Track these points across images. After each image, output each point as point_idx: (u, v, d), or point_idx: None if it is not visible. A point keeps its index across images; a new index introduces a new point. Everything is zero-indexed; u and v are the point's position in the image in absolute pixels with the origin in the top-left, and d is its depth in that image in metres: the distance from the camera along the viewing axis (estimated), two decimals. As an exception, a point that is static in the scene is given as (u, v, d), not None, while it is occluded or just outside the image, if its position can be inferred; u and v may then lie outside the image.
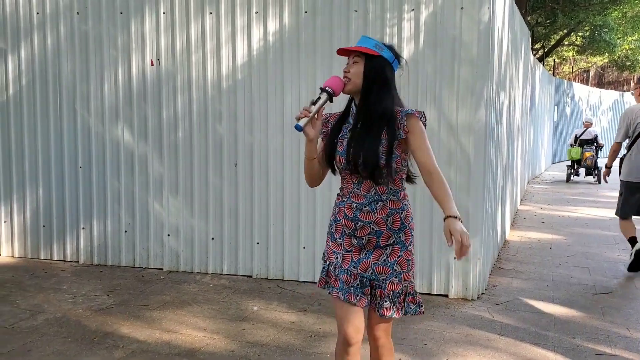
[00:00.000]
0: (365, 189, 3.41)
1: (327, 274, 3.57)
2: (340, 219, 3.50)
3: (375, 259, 3.44)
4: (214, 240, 7.42)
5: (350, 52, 3.45)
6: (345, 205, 3.47)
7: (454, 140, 6.47)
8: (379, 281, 3.43)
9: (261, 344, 5.30)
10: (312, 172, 3.51)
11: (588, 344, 5.37)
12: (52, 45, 7.82)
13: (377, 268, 3.43)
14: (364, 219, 3.41)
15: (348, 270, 3.46)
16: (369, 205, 3.40)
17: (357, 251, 3.48)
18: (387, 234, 3.43)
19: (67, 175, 7.90)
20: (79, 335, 5.47)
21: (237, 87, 7.17)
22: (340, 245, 3.51)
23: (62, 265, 7.84)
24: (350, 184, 3.47)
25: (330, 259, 3.54)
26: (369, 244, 3.45)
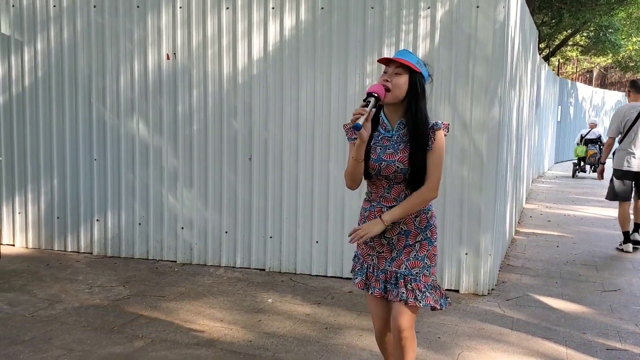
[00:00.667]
0: (396, 193, 3.66)
1: (366, 276, 3.84)
2: None
3: (406, 256, 3.69)
4: (227, 234, 7.50)
5: (390, 62, 3.62)
6: (376, 209, 3.71)
7: (468, 138, 6.55)
8: (412, 275, 3.65)
9: (278, 334, 5.38)
10: (356, 173, 3.65)
11: (598, 339, 5.46)
12: (68, 38, 7.89)
13: (410, 263, 3.68)
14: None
15: (384, 269, 3.75)
16: None
17: (388, 251, 3.75)
18: (415, 232, 3.71)
19: (82, 167, 7.98)
20: (98, 324, 5.56)
21: (252, 82, 7.24)
22: (373, 248, 3.79)
23: (76, 257, 7.92)
24: (380, 188, 3.71)
25: (367, 262, 3.85)
26: (399, 243, 3.71)
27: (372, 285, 3.80)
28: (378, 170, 3.64)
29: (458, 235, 6.70)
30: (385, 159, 3.62)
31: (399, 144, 3.63)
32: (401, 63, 3.56)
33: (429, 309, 3.78)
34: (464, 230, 6.67)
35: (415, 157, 3.57)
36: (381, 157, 3.63)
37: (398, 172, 3.59)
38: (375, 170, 3.65)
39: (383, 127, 3.71)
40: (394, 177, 3.62)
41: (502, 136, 6.71)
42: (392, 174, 3.61)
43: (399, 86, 3.55)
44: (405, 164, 3.58)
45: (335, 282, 7.02)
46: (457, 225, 6.69)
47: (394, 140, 3.66)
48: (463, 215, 6.65)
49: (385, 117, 3.70)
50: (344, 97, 6.92)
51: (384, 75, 3.60)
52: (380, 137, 3.69)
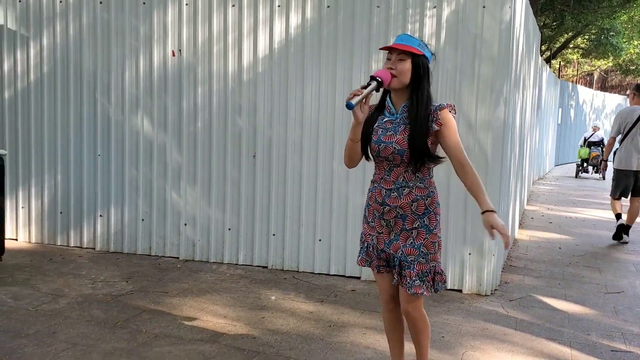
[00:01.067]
0: (395, 176, 3.76)
1: (366, 253, 3.98)
2: (372, 204, 3.88)
3: (403, 241, 3.80)
4: (230, 231, 7.50)
5: (393, 49, 3.67)
6: (376, 190, 3.83)
7: (473, 137, 6.55)
8: (408, 262, 3.78)
9: (282, 331, 5.38)
10: (353, 153, 3.84)
11: (603, 341, 5.46)
12: (74, 34, 7.88)
13: (406, 250, 3.78)
14: (391, 203, 3.77)
15: (383, 250, 3.89)
16: (396, 191, 3.75)
17: (387, 233, 3.86)
18: (412, 217, 3.77)
19: (86, 163, 7.97)
20: (101, 319, 5.56)
21: (257, 80, 7.24)
22: (374, 228, 3.90)
23: (78, 252, 7.91)
24: (382, 170, 3.82)
25: (367, 241, 3.97)
26: (396, 226, 3.80)
27: (375, 263, 3.97)
28: (377, 151, 3.76)
29: (462, 235, 6.70)
30: (384, 141, 3.72)
31: (400, 126, 3.72)
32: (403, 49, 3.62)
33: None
34: (467, 230, 6.67)
35: (414, 137, 3.64)
36: (381, 139, 3.74)
37: (395, 153, 3.68)
38: (375, 152, 3.79)
39: (388, 110, 3.81)
40: (393, 159, 3.72)
41: (507, 136, 6.71)
42: (390, 155, 3.71)
43: (403, 72, 3.63)
44: (403, 145, 3.66)
45: (338, 280, 7.02)
46: (461, 225, 6.69)
47: (397, 122, 3.75)
48: (467, 214, 6.65)
49: (390, 102, 3.80)
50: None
51: (388, 62, 3.68)
52: (385, 120, 3.80)
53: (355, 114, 3.57)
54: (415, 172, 3.72)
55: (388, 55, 3.71)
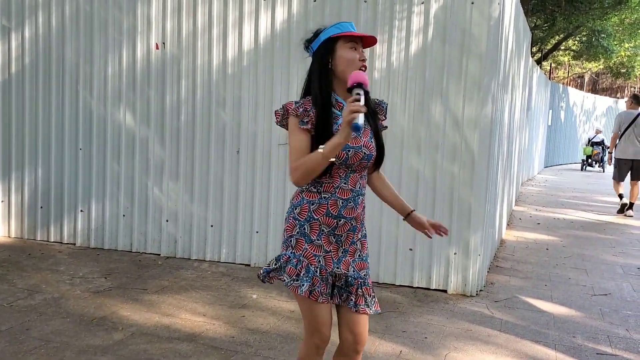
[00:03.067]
0: (352, 183, 3.21)
1: (313, 281, 3.16)
2: (319, 217, 3.20)
3: (352, 256, 3.28)
4: (212, 228, 7.38)
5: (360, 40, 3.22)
6: (330, 202, 3.19)
7: (459, 135, 6.45)
8: (362, 278, 3.27)
9: (261, 331, 5.27)
10: (319, 172, 3.07)
11: (588, 344, 5.37)
12: (56, 25, 7.75)
13: (357, 265, 3.28)
14: (347, 215, 3.21)
15: (331, 272, 3.23)
16: (352, 201, 3.21)
17: (335, 250, 3.25)
18: (359, 227, 3.31)
19: (67, 157, 7.84)
20: (77, 316, 5.43)
21: (242, 74, 7.13)
22: (320, 247, 3.22)
23: (58, 247, 7.78)
24: (337, 179, 3.18)
25: (313, 264, 3.19)
26: (347, 240, 3.27)
27: (320, 290, 3.17)
28: (345, 158, 3.12)
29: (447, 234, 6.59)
30: (352, 146, 3.13)
31: None
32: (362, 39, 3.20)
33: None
34: (453, 228, 6.57)
35: (379, 135, 3.27)
36: (347, 144, 3.11)
37: (364, 158, 3.18)
38: (341, 159, 3.12)
39: (339, 108, 3.20)
40: (358, 165, 3.18)
41: (494, 134, 6.62)
42: (358, 161, 3.16)
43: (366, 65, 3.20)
44: (370, 149, 3.19)
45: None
46: (447, 224, 6.58)
47: None
48: (453, 213, 6.55)
49: (339, 97, 3.22)
50: (335, 91, 6.80)
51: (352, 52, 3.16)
52: (340, 121, 3.14)
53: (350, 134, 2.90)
54: (366, 178, 3.31)
55: (351, 44, 3.16)
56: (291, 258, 3.22)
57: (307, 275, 3.16)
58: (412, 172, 6.63)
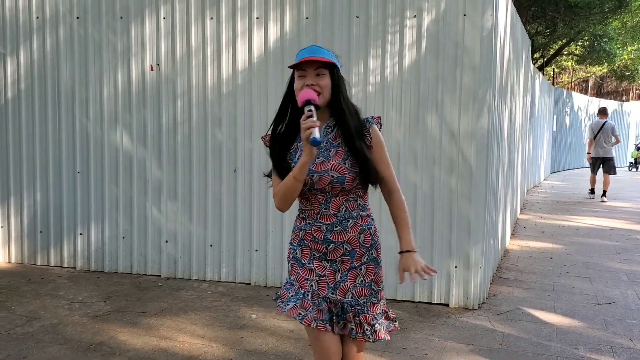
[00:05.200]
0: (335, 208, 3.19)
1: (302, 303, 3.19)
2: (307, 242, 3.25)
3: (352, 281, 3.23)
4: (212, 247, 7.35)
5: (309, 65, 3.14)
6: (313, 227, 3.22)
7: (456, 147, 6.41)
8: (360, 305, 3.23)
9: (259, 352, 5.23)
10: (294, 193, 3.13)
11: (591, 355, 5.31)
12: (51, 49, 7.76)
13: (357, 291, 3.24)
14: (336, 239, 3.20)
15: (326, 297, 3.23)
16: (340, 225, 3.20)
17: (331, 275, 3.24)
18: (360, 252, 3.25)
19: (65, 180, 7.83)
20: (75, 342, 5.40)
21: (237, 93, 7.11)
22: (312, 271, 3.25)
23: (58, 271, 7.76)
24: (316, 205, 3.21)
25: (305, 288, 3.23)
26: (344, 265, 3.24)
27: (313, 315, 3.16)
28: (310, 184, 3.14)
29: (447, 247, 6.55)
30: (316, 170, 3.14)
31: (329, 150, 3.20)
32: (320, 62, 3.13)
33: None
34: (453, 242, 6.52)
35: (360, 157, 3.16)
36: (311, 169, 3.13)
37: (334, 182, 3.14)
38: (307, 185, 3.15)
39: None
40: (330, 189, 3.16)
41: (491, 145, 6.57)
42: (327, 185, 3.15)
43: (326, 88, 3.13)
44: (341, 171, 3.14)
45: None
46: (447, 237, 6.54)
47: (323, 147, 3.20)
48: (452, 226, 6.51)
49: None
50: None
51: (302, 80, 3.13)
52: None
53: (313, 150, 2.97)
54: (357, 199, 3.25)
55: (300, 72, 3.14)
56: (288, 281, 3.29)
57: (296, 297, 3.19)
58: (409, 185, 6.59)
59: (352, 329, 3.21)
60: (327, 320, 3.19)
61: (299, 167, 3.02)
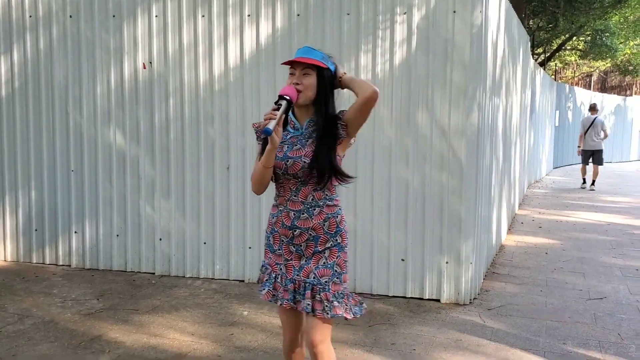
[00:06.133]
0: (303, 196, 3.53)
1: (274, 286, 3.63)
2: (278, 229, 3.59)
3: (315, 264, 3.54)
4: (205, 245, 7.38)
5: (298, 64, 3.49)
6: (283, 214, 3.57)
7: (446, 144, 6.43)
8: (322, 284, 3.51)
9: (248, 348, 5.26)
10: (264, 179, 3.50)
11: (579, 350, 5.33)
12: (44, 48, 7.79)
13: (319, 272, 3.53)
14: (302, 225, 3.52)
15: (293, 279, 3.57)
16: (306, 212, 3.53)
17: (297, 259, 3.58)
18: (325, 237, 3.56)
19: (60, 179, 7.87)
20: (66, 339, 5.44)
21: (229, 90, 7.13)
22: (281, 256, 3.62)
23: (53, 269, 7.80)
24: (288, 191, 3.56)
25: (275, 271, 3.65)
26: (308, 249, 3.56)
27: (280, 296, 3.60)
28: (285, 168, 3.49)
29: (438, 243, 6.57)
30: (291, 156, 3.49)
31: (307, 140, 3.53)
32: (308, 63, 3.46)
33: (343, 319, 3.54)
34: (444, 238, 6.54)
35: (322, 154, 3.46)
36: (287, 155, 3.50)
37: (305, 168, 3.46)
38: (282, 169, 3.50)
39: (292, 126, 3.60)
40: (302, 175, 3.48)
41: (482, 142, 6.59)
42: (299, 171, 3.47)
43: (310, 87, 3.46)
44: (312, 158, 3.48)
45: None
46: (438, 233, 6.56)
47: (302, 137, 3.55)
48: (443, 222, 6.53)
49: (294, 117, 3.60)
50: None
51: (292, 77, 3.50)
52: (290, 137, 3.57)
53: (273, 139, 3.28)
54: (324, 189, 3.55)
55: (291, 70, 3.52)
56: (263, 265, 3.75)
57: (269, 281, 3.66)
58: (401, 182, 6.61)
59: (308, 305, 3.49)
60: (291, 300, 3.56)
61: (265, 155, 3.37)
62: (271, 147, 3.33)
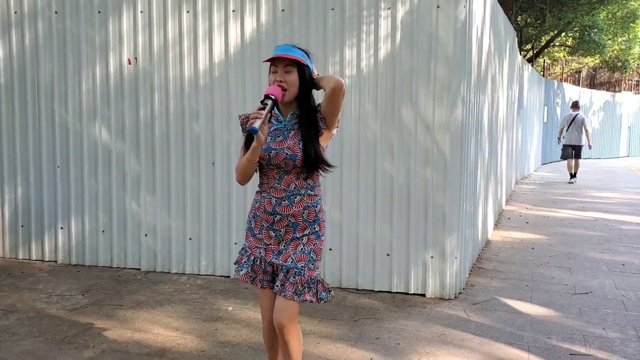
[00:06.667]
0: (286, 184, 3.74)
1: (252, 268, 3.85)
2: (260, 214, 3.81)
3: (293, 249, 3.77)
4: (191, 240, 7.38)
5: (278, 60, 3.67)
6: (265, 200, 3.78)
7: (430, 138, 6.44)
8: (298, 269, 3.72)
9: (232, 343, 5.26)
10: (250, 172, 3.72)
11: (563, 344, 5.34)
12: (30, 44, 7.77)
13: (297, 257, 3.75)
14: (282, 211, 3.74)
15: (270, 262, 3.82)
16: (287, 199, 3.74)
17: (276, 243, 3.81)
18: (303, 225, 3.78)
19: (45, 175, 7.85)
20: (50, 334, 5.43)
21: (214, 86, 7.13)
22: (261, 240, 3.84)
23: (39, 265, 7.79)
24: (271, 179, 3.77)
25: (255, 254, 3.86)
26: (287, 235, 3.78)
27: (260, 277, 3.85)
28: (268, 159, 3.69)
29: (423, 238, 6.58)
30: (274, 148, 3.68)
31: (289, 132, 3.72)
32: (290, 60, 3.64)
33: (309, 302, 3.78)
34: (429, 232, 6.55)
35: (307, 145, 3.67)
36: (270, 146, 3.69)
37: (287, 159, 3.66)
38: (265, 160, 3.70)
39: (275, 118, 3.79)
40: (284, 165, 3.68)
41: (466, 137, 6.61)
42: (281, 161, 3.68)
43: (293, 83, 3.65)
44: (295, 150, 3.66)
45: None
46: (422, 228, 6.57)
47: (285, 129, 3.74)
48: (428, 217, 6.54)
49: (278, 110, 3.79)
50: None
51: (274, 75, 3.67)
52: (273, 129, 3.76)
53: (259, 137, 3.49)
54: (307, 179, 3.76)
55: (273, 67, 3.69)
56: (243, 248, 3.96)
57: (247, 263, 3.87)
58: (386, 177, 6.62)
59: (281, 286, 3.72)
60: (270, 281, 3.86)
61: (250, 151, 3.58)
62: (257, 144, 3.53)
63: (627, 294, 6.86)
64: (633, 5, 26.53)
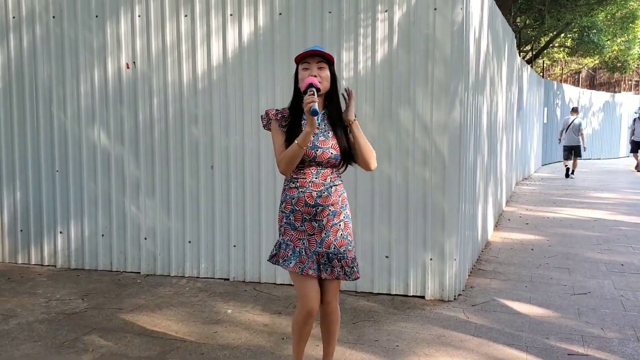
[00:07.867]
0: (324, 178, 4.03)
1: (300, 259, 4.04)
2: (299, 208, 4.04)
3: (334, 235, 4.07)
4: (190, 244, 7.39)
5: (310, 57, 3.93)
6: (305, 194, 4.01)
7: (429, 140, 6.45)
8: (340, 253, 4.06)
9: (232, 346, 5.27)
10: (298, 159, 3.90)
11: (561, 344, 5.35)
12: (28, 48, 7.78)
13: (338, 242, 4.07)
14: (324, 203, 4.02)
15: (315, 251, 4.06)
16: (326, 191, 4.03)
17: (318, 233, 4.06)
18: (339, 211, 4.11)
19: (44, 179, 7.86)
20: (49, 339, 5.43)
21: (212, 89, 7.14)
22: (304, 232, 4.07)
23: (39, 270, 7.80)
24: (309, 174, 4.02)
25: (298, 246, 4.07)
26: (328, 223, 4.06)
27: (308, 266, 4.03)
28: (314, 157, 3.95)
29: (422, 239, 6.59)
30: (320, 146, 3.96)
31: (328, 132, 4.03)
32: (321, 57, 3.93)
33: None
34: (428, 234, 6.56)
35: (344, 142, 4.02)
36: (316, 145, 3.96)
37: (331, 158, 3.99)
38: (310, 157, 3.95)
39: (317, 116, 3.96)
40: (326, 163, 4.00)
41: (464, 138, 6.62)
42: (326, 160, 3.98)
43: (326, 79, 3.93)
44: (336, 149, 4.00)
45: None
46: (421, 229, 6.58)
47: (323, 129, 4.03)
48: (427, 218, 6.55)
49: None
50: (305, 102, 6.81)
51: (307, 71, 3.91)
52: None
53: (313, 121, 3.73)
54: (337, 172, 4.12)
55: (305, 64, 3.93)
56: (281, 243, 4.12)
57: (294, 255, 4.05)
58: (384, 178, 6.63)
59: (338, 271, 4.06)
60: (317, 270, 4.07)
61: (303, 135, 3.81)
62: (310, 129, 3.77)
63: (626, 294, 6.87)
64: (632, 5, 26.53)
